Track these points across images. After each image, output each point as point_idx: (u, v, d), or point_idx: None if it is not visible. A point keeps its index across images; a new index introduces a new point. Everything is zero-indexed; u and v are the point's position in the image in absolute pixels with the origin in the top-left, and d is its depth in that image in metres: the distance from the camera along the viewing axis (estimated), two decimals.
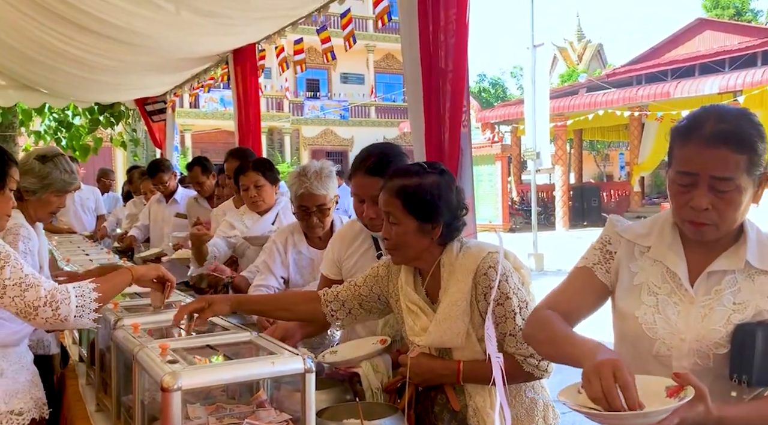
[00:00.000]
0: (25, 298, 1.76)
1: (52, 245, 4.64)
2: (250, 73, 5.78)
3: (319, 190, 2.63)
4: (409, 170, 1.79)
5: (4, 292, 1.76)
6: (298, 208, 2.70)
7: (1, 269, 1.76)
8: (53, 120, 9.37)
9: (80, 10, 4.78)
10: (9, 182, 1.99)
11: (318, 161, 2.77)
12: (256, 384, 1.60)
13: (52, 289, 1.79)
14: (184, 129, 24.92)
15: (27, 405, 2.01)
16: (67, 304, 1.77)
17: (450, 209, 1.75)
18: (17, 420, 1.95)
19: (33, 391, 2.06)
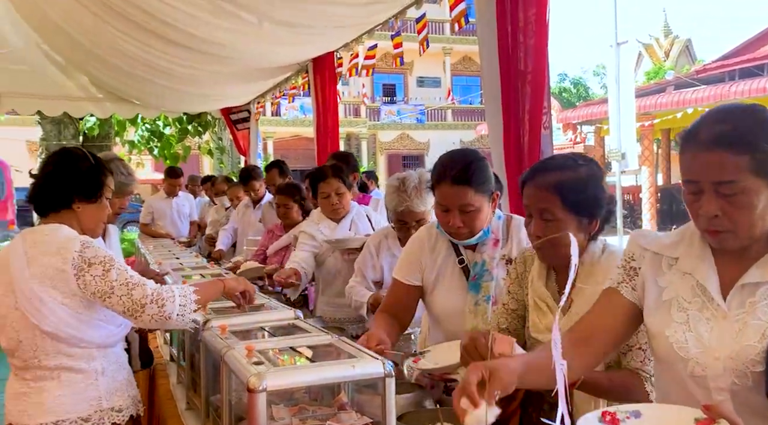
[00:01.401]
0: (132, 296, 1.87)
1: (145, 249, 4.90)
2: (329, 81, 5.90)
3: (418, 207, 2.61)
4: (563, 164, 1.69)
5: (112, 292, 1.87)
6: (397, 221, 2.69)
7: (108, 272, 1.88)
8: (145, 130, 9.89)
9: (170, 25, 5.03)
10: (105, 191, 2.11)
11: (415, 171, 2.73)
12: (338, 387, 1.62)
13: (157, 288, 1.91)
14: (266, 136, 25.66)
15: (125, 403, 2.07)
16: (171, 302, 1.89)
17: (606, 201, 1.69)
18: (117, 416, 2.02)
19: (129, 389, 2.13)
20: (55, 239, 1.95)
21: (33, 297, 1.90)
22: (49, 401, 1.94)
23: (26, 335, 1.93)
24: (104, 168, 2.14)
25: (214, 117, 9.31)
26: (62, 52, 7.39)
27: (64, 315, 1.91)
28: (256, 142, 8.68)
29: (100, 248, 1.95)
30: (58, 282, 1.90)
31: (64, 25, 6.22)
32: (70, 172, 2.05)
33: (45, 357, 1.94)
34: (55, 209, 2.04)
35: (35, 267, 1.91)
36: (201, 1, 4.53)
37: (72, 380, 1.96)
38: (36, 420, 1.93)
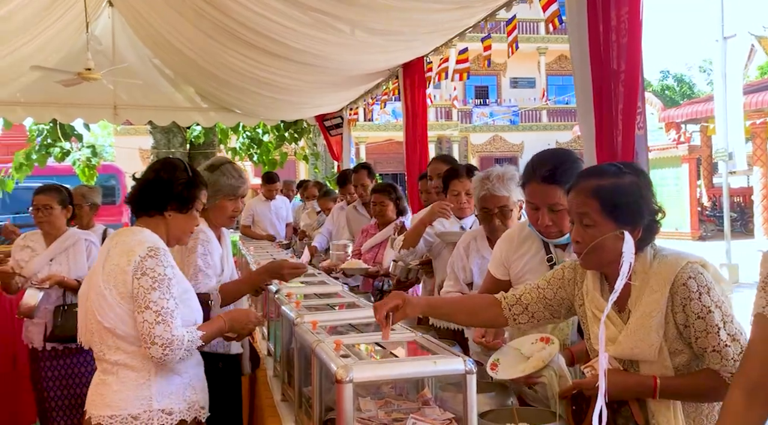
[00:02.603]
0: (153, 328, 1.90)
1: (245, 250, 5.16)
2: (419, 86, 5.98)
3: (500, 191, 2.64)
4: (605, 170, 1.71)
5: (146, 309, 1.91)
6: (481, 210, 2.73)
7: (151, 291, 1.92)
8: (246, 137, 10.38)
9: (270, 38, 5.30)
10: (196, 204, 2.18)
11: (501, 166, 2.79)
12: (422, 383, 1.69)
13: (177, 336, 1.93)
14: (359, 141, 26.12)
15: (179, 407, 2.04)
16: (175, 353, 1.93)
17: (649, 211, 1.67)
18: (167, 419, 2.01)
19: (187, 394, 2.08)
20: (130, 241, 2.01)
21: (99, 293, 1.98)
22: (109, 394, 2.00)
23: (96, 328, 2.01)
24: (199, 183, 2.21)
25: (309, 124, 9.65)
26: (172, 66, 7.93)
27: (122, 313, 1.96)
28: (349, 147, 8.91)
29: (162, 262, 1.97)
30: (119, 282, 1.97)
31: (174, 41, 6.68)
32: (168, 181, 2.13)
33: (108, 352, 2.01)
34: (148, 212, 2.12)
35: (108, 265, 2.00)
36: (299, 15, 4.75)
37: (127, 377, 2.00)
38: (97, 410, 2.00)
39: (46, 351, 3.57)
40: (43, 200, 3.62)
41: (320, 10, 4.64)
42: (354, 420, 1.51)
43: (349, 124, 8.80)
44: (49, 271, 3.57)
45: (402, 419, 1.53)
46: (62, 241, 3.65)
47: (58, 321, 3.48)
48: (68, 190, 3.76)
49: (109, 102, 7.78)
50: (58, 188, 3.71)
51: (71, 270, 3.61)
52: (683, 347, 1.65)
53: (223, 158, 3.12)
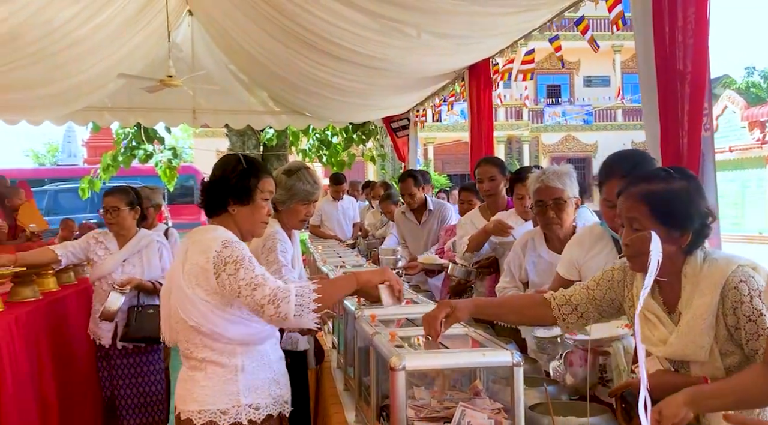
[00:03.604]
0: (254, 297, 1.91)
1: (314, 249, 5.35)
2: (484, 87, 6.01)
3: (555, 183, 2.68)
4: (654, 175, 1.74)
5: (240, 291, 1.92)
6: (536, 204, 2.76)
7: (237, 271, 1.93)
8: (316, 139, 10.67)
9: (338, 44, 5.48)
10: (256, 194, 2.13)
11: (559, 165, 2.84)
12: (473, 375, 1.77)
13: (275, 288, 1.91)
14: (427, 142, 26.18)
15: (265, 401, 2.06)
16: (286, 303, 1.88)
17: (699, 215, 1.69)
18: (255, 413, 2.03)
19: (273, 389, 2.10)
20: (204, 239, 2.03)
21: (182, 293, 2.00)
22: (197, 390, 2.03)
23: (181, 327, 2.04)
24: (257, 171, 2.15)
25: (377, 126, 9.82)
26: (246, 71, 8.28)
27: (206, 311, 1.98)
28: (415, 148, 9.02)
29: (238, 247, 1.99)
30: (202, 280, 1.98)
31: (248, 47, 6.98)
32: (223, 177, 2.13)
33: (195, 349, 2.04)
34: (216, 211, 2.14)
35: (188, 265, 2.02)
36: (367, 20, 4.89)
37: (215, 373, 2.02)
38: (186, 406, 2.04)
39: (116, 350, 3.62)
40: (111, 202, 3.63)
41: (386, 17, 4.78)
42: (407, 407, 1.62)
43: (415, 125, 8.91)
44: (123, 272, 3.60)
45: (453, 407, 1.62)
46: (135, 242, 3.67)
47: (132, 322, 3.54)
48: (137, 191, 3.78)
49: (188, 106, 8.19)
50: (126, 190, 3.73)
51: (145, 272, 3.64)
52: (734, 348, 1.66)
53: (300, 163, 3.17)
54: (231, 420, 2.00)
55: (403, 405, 1.54)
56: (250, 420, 2.02)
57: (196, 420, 2.00)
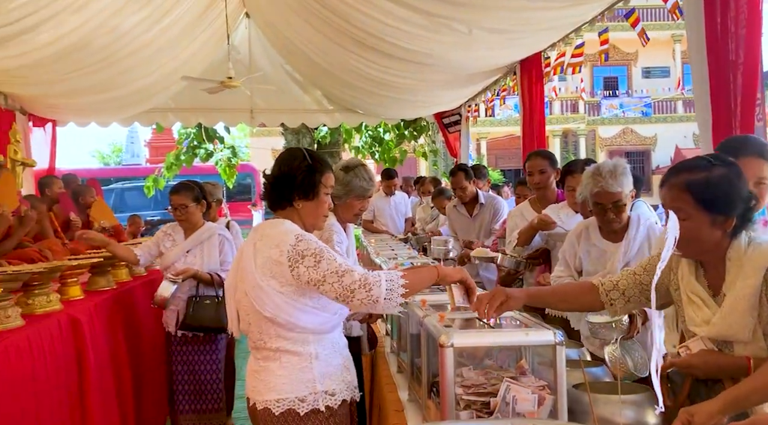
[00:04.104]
0: (342, 283, 1.95)
1: (367, 243, 5.49)
2: (536, 81, 6.03)
3: (613, 188, 2.71)
4: (696, 164, 1.78)
5: (324, 280, 1.97)
6: (594, 205, 2.80)
7: (319, 263, 1.98)
8: (368, 136, 10.83)
9: (389, 42, 5.61)
10: (321, 189, 2.19)
11: (611, 159, 2.86)
12: (520, 354, 1.87)
13: (364, 273, 1.98)
14: (480, 137, 26.01)
15: (339, 387, 2.12)
16: (378, 286, 1.94)
17: (742, 200, 1.74)
18: (331, 400, 2.09)
19: (344, 374, 2.16)
20: (275, 233, 2.08)
21: (256, 285, 2.05)
22: (273, 380, 2.08)
23: (253, 318, 2.09)
24: (321, 167, 2.20)
25: (428, 122, 9.90)
26: (301, 70, 8.51)
27: (281, 302, 2.03)
28: (467, 144, 9.06)
29: (312, 241, 2.05)
30: (276, 273, 2.03)
31: (303, 47, 7.19)
32: (289, 172, 2.17)
33: (268, 339, 2.09)
34: (281, 205, 2.19)
35: (259, 258, 2.06)
36: (418, 18, 5.00)
37: (290, 362, 2.07)
38: (263, 396, 2.09)
39: (177, 337, 3.79)
40: (179, 200, 3.78)
41: (437, 14, 4.87)
42: (456, 384, 1.73)
43: (467, 121, 8.95)
44: (185, 262, 3.76)
45: (499, 384, 1.72)
46: (199, 235, 3.82)
47: (189, 311, 3.67)
48: (200, 186, 3.94)
49: (246, 106, 8.47)
50: (191, 186, 3.84)
51: (204, 263, 3.78)
52: None
53: (357, 160, 3.26)
54: (309, 407, 2.05)
55: (452, 381, 1.65)
56: (327, 406, 2.07)
57: (275, 409, 2.05)
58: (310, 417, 2.05)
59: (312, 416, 2.05)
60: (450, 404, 1.65)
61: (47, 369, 2.69)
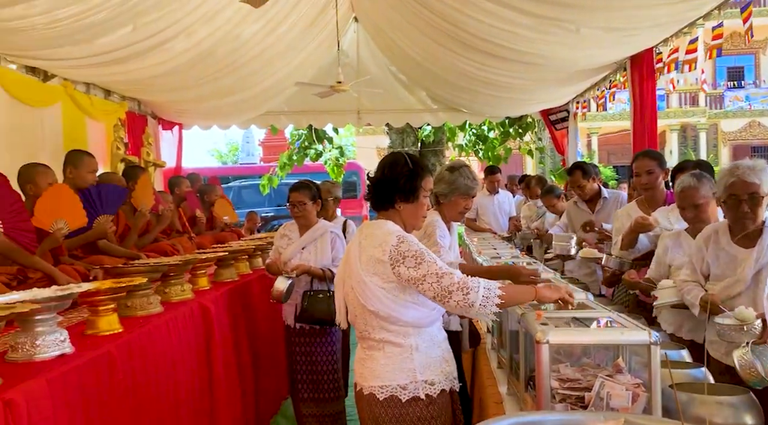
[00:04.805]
0: (441, 283, 2.08)
1: (469, 241, 5.58)
2: (647, 77, 5.86)
3: (750, 177, 2.63)
4: None
5: (424, 280, 2.11)
6: (729, 197, 2.71)
7: (420, 265, 2.12)
8: (472, 135, 10.87)
9: (492, 42, 5.67)
10: (421, 193, 2.33)
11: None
12: (617, 353, 1.93)
13: (464, 277, 2.10)
14: (590, 132, 25.14)
15: (438, 377, 2.23)
16: (475, 292, 2.05)
17: None
18: (430, 389, 2.20)
19: (443, 366, 2.27)
20: (379, 233, 2.22)
21: (361, 281, 2.21)
22: (377, 368, 2.23)
23: (359, 311, 2.24)
24: (421, 171, 2.33)
25: (534, 119, 9.80)
26: (406, 72, 8.71)
27: (382, 297, 2.18)
28: (575, 141, 8.90)
29: (413, 242, 2.18)
30: (378, 270, 2.17)
31: (408, 50, 7.39)
32: (391, 176, 2.30)
33: (372, 331, 2.24)
34: (383, 206, 2.34)
35: (364, 256, 2.21)
36: (523, 19, 5.03)
37: (393, 352, 2.22)
38: (368, 382, 2.24)
39: (295, 330, 3.99)
40: (298, 197, 3.99)
41: (543, 15, 4.88)
42: (552, 379, 1.82)
43: (575, 117, 8.79)
44: (300, 259, 3.96)
45: (595, 380, 1.79)
46: (313, 232, 4.01)
47: (305, 305, 3.85)
48: (318, 186, 4.17)
49: (353, 108, 8.80)
50: (309, 186, 4.05)
51: (317, 259, 3.97)
52: None
53: (461, 161, 3.38)
54: (410, 394, 2.19)
55: (548, 376, 1.75)
56: (427, 395, 2.20)
57: (379, 394, 2.20)
58: (411, 404, 2.19)
59: (413, 403, 2.19)
60: (545, 397, 1.74)
61: (181, 348, 3.03)
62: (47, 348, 2.10)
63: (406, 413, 2.19)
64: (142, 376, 2.56)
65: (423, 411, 2.20)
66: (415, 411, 2.19)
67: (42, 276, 3.07)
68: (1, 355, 2.15)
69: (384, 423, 2.20)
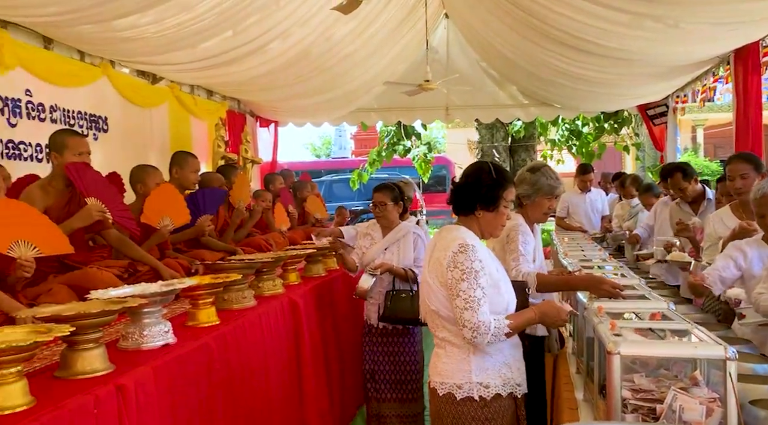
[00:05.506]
0: (462, 314, 2.19)
1: (558, 241, 5.52)
2: (752, 72, 5.54)
3: None
4: None
5: (457, 296, 2.20)
6: None
7: (460, 282, 2.19)
8: (565, 130, 10.63)
9: (585, 39, 5.56)
10: (501, 203, 2.38)
11: None
12: (695, 365, 1.90)
13: (483, 322, 2.17)
14: (696, 124, 23.81)
15: (495, 382, 2.27)
16: (483, 336, 2.17)
17: None
18: (484, 391, 2.26)
19: (503, 371, 2.30)
20: (448, 237, 2.30)
21: (425, 281, 2.34)
22: (439, 365, 2.33)
23: (427, 310, 2.36)
24: (504, 182, 2.39)
25: (631, 113, 9.46)
26: (497, 67, 8.66)
27: (442, 299, 2.27)
28: (674, 137, 8.52)
29: (472, 257, 2.22)
30: (439, 273, 2.27)
31: (499, 46, 7.34)
32: (475, 184, 2.38)
33: (436, 329, 2.34)
34: (463, 212, 2.41)
35: (432, 259, 2.33)
36: (618, 16, 4.89)
37: (452, 352, 2.30)
38: (433, 377, 2.35)
39: (378, 329, 4.04)
40: (380, 197, 4.07)
41: (640, 12, 4.74)
42: (625, 388, 1.84)
43: (674, 112, 8.42)
44: (383, 259, 4.01)
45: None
46: (395, 233, 4.07)
47: (387, 304, 3.89)
48: (400, 188, 4.24)
49: (442, 104, 8.85)
50: (391, 187, 4.14)
51: (400, 259, 4.01)
52: None
53: (541, 162, 3.38)
54: (465, 394, 2.26)
55: (618, 386, 1.76)
56: (481, 397, 2.26)
57: (439, 389, 2.31)
58: (465, 403, 2.27)
59: (467, 402, 2.27)
60: (616, 406, 1.76)
61: (272, 341, 3.23)
62: (153, 338, 2.33)
63: (461, 411, 2.27)
64: (236, 366, 2.77)
65: (477, 412, 2.27)
66: (469, 410, 2.27)
67: (149, 269, 3.37)
68: (114, 342, 2.40)
69: (444, 418, 2.31)
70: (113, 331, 2.60)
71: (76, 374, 1.99)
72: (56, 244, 2.71)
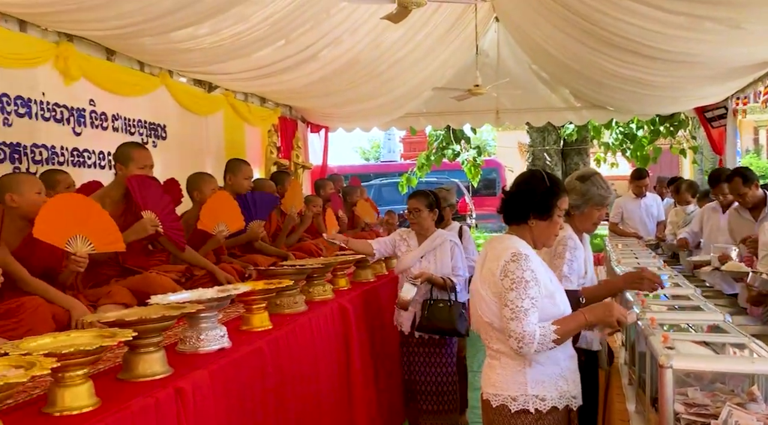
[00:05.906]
0: (509, 323, 2.15)
1: (611, 247, 5.40)
2: None
3: None
4: None
5: (505, 306, 2.17)
6: None
7: (509, 291, 2.16)
8: (619, 133, 10.39)
9: (640, 42, 5.46)
10: (555, 212, 2.34)
11: None
12: (751, 380, 1.85)
13: (528, 332, 2.13)
14: (758, 125, 22.94)
15: (550, 394, 2.24)
16: (529, 346, 2.13)
17: None
18: (540, 404, 2.22)
19: (559, 383, 2.26)
20: (500, 247, 2.27)
21: (477, 292, 2.29)
22: (493, 376, 2.29)
23: (480, 321, 2.31)
24: (558, 190, 2.34)
25: (687, 116, 9.19)
26: (548, 70, 8.56)
27: (496, 310, 2.22)
28: (734, 140, 8.25)
29: (523, 266, 2.18)
30: (491, 283, 2.23)
31: (551, 49, 7.27)
32: (528, 193, 2.33)
33: (490, 341, 2.30)
34: (516, 221, 2.36)
35: (484, 269, 2.28)
36: (674, 19, 4.78)
37: (507, 364, 2.26)
38: (486, 388, 2.31)
39: (414, 338, 3.96)
40: (414, 204, 3.99)
41: (697, 15, 4.63)
42: (678, 402, 1.81)
43: (734, 115, 8.14)
44: (420, 267, 3.92)
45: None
46: (431, 241, 3.97)
47: (425, 314, 3.81)
48: (436, 195, 4.14)
49: (492, 108, 8.80)
50: (427, 194, 4.05)
51: (437, 268, 3.92)
52: None
53: (591, 169, 3.25)
54: (520, 406, 2.22)
55: (671, 399, 1.73)
56: (537, 409, 2.22)
57: (493, 401, 2.27)
58: (519, 416, 2.23)
59: (522, 415, 2.23)
60: (669, 421, 1.73)
61: (323, 345, 3.30)
62: (209, 342, 2.42)
63: (515, 423, 2.24)
64: (288, 371, 2.83)
65: (532, 424, 2.23)
66: (523, 423, 2.24)
67: (205, 274, 3.48)
68: (172, 345, 2.49)
69: None
70: (171, 334, 2.69)
71: (137, 376, 2.08)
72: (110, 241, 2.85)
